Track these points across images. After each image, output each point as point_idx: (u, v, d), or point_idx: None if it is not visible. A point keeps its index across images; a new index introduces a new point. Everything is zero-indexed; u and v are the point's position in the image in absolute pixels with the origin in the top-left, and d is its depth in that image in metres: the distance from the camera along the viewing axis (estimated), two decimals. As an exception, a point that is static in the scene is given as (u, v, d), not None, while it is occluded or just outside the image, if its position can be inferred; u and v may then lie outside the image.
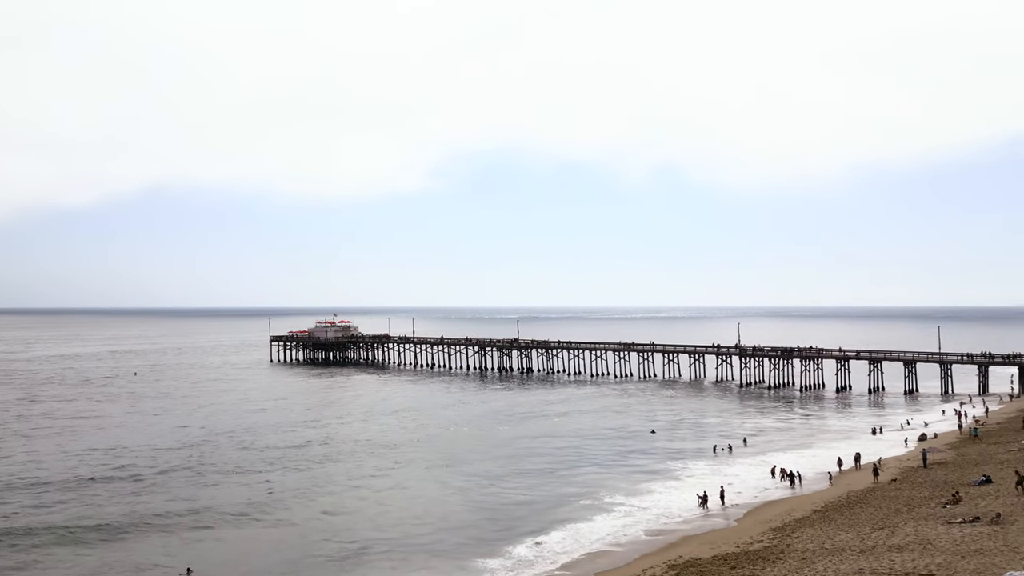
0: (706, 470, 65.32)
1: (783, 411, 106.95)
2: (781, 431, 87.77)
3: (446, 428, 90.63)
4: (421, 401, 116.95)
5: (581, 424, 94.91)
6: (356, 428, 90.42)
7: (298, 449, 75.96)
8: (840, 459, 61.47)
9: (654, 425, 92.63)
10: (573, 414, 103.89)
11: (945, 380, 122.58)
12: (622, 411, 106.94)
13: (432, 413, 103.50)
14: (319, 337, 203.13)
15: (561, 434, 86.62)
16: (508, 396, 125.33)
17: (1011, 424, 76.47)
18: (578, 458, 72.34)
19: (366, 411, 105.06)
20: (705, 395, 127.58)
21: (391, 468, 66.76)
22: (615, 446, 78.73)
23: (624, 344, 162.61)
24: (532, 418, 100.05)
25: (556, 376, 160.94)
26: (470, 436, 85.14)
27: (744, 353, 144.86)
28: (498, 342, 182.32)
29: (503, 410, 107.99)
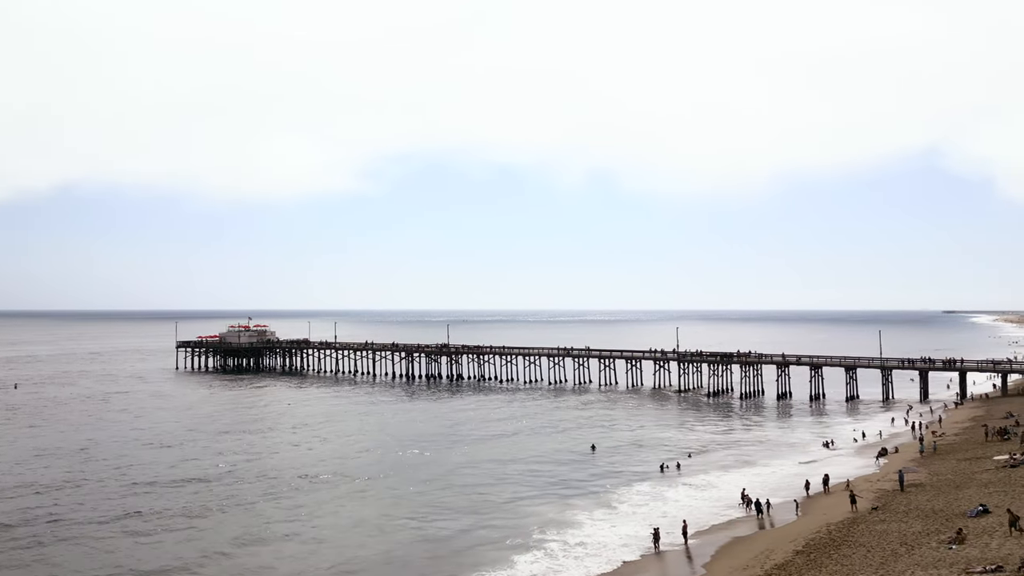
0: (653, 494, 58.09)
1: (725, 421, 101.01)
2: (726, 445, 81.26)
3: (365, 449, 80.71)
4: (339, 415, 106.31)
5: (514, 439, 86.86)
6: (262, 452, 79.74)
7: (194, 487, 62.53)
8: (808, 481, 54.70)
9: (593, 439, 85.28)
10: (506, 427, 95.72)
11: (886, 386, 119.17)
12: (559, 423, 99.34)
13: (350, 430, 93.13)
14: (231, 343, 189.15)
15: (491, 452, 78.23)
16: (436, 407, 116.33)
17: (970, 435, 71.52)
18: (509, 482, 64.09)
19: (275, 431, 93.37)
20: (644, 403, 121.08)
21: (294, 506, 56.16)
22: (552, 466, 70.74)
23: (562, 350, 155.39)
24: (461, 433, 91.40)
25: (488, 384, 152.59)
26: (390, 458, 75.76)
27: (683, 359, 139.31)
28: (426, 348, 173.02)
29: (430, 424, 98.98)
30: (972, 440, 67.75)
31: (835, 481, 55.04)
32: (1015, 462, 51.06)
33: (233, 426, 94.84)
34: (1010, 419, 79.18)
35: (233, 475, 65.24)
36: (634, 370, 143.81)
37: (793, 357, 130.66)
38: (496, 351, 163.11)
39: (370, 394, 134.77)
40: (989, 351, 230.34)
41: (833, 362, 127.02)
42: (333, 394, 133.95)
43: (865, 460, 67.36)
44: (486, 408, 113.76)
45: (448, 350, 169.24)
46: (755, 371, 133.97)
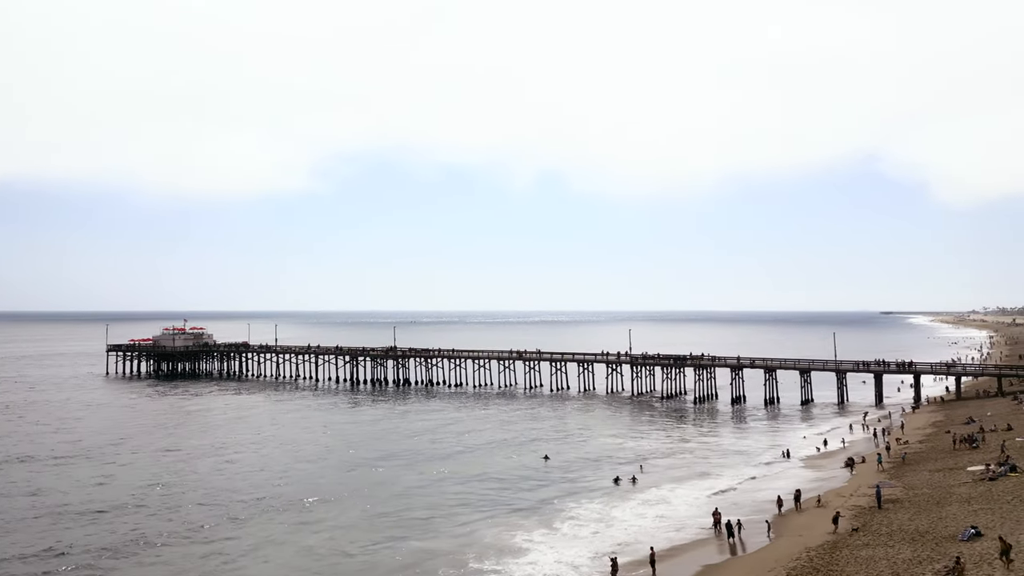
0: (603, 513, 53.95)
1: (680, 428, 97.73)
2: (682, 454, 77.65)
3: (305, 465, 74.93)
4: (279, 427, 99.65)
5: (462, 451, 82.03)
6: (194, 472, 73.33)
7: (112, 517, 54.31)
8: (780, 498, 50.99)
9: (545, 448, 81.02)
10: (454, 438, 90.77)
11: (841, 389, 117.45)
12: (509, 430, 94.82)
13: (290, 443, 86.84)
14: (165, 346, 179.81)
15: (438, 467, 73.29)
16: (382, 417, 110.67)
17: (936, 443, 69.02)
18: (455, 498, 59.42)
19: (209, 445, 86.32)
20: (596, 409, 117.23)
21: (226, 539, 50.38)
22: (500, 481, 66.15)
23: (515, 353, 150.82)
24: (406, 442, 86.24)
25: (436, 389, 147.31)
26: (329, 478, 70.33)
27: (635, 362, 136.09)
28: (372, 351, 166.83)
29: (373, 433, 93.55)
30: (939, 448, 65.13)
31: (806, 496, 51.46)
32: (993, 474, 48.16)
33: (163, 440, 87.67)
34: (972, 424, 77.19)
35: (159, 501, 58.66)
36: (586, 373, 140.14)
37: (747, 360, 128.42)
38: (445, 354, 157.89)
39: (312, 402, 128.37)
40: (932, 352, 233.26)
41: (787, 365, 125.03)
42: (274, 402, 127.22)
43: (830, 471, 64.19)
44: (434, 416, 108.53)
45: (395, 353, 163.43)
46: (709, 374, 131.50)
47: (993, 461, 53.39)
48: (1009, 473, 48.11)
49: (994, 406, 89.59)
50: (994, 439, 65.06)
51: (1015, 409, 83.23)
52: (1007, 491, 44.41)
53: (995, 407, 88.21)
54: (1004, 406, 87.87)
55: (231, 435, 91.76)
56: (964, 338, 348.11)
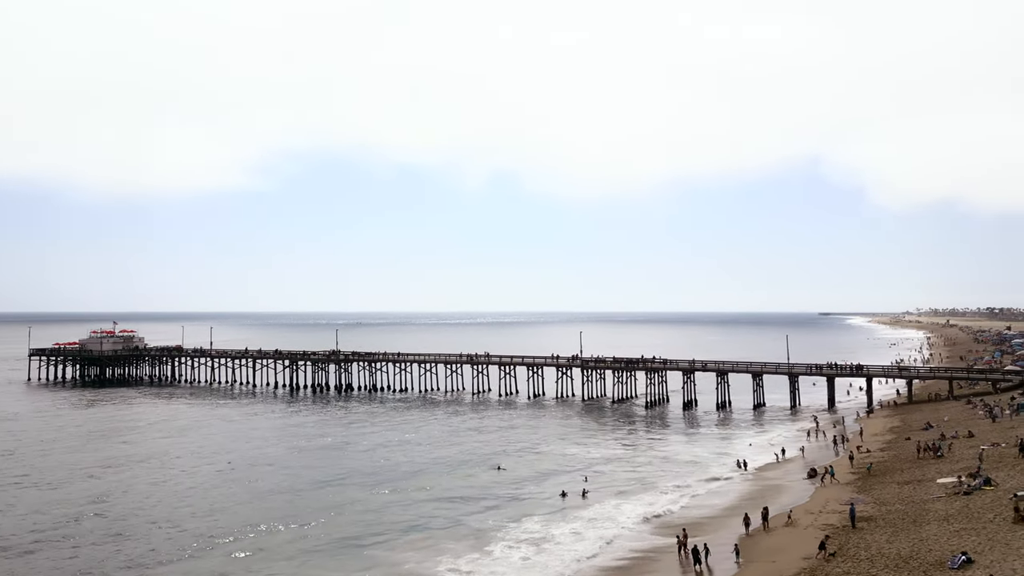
0: (542, 534, 50.20)
1: (631, 434, 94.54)
2: (631, 463, 74.12)
3: (238, 481, 69.42)
4: (213, 439, 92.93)
5: (409, 460, 77.44)
6: (117, 495, 67.29)
7: (14, 557, 50.62)
8: (747, 516, 47.51)
9: (495, 459, 76.91)
10: (397, 447, 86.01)
11: (794, 393, 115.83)
12: (456, 441, 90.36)
13: (223, 459, 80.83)
14: (92, 350, 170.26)
15: (380, 478, 68.64)
16: (323, 426, 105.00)
17: (898, 451, 66.74)
18: (399, 517, 54.90)
19: (135, 462, 79.73)
20: (546, 414, 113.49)
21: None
22: (445, 497, 61.81)
23: (461, 356, 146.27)
24: (346, 454, 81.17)
25: (381, 394, 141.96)
26: (260, 490, 65.18)
27: (586, 365, 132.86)
28: (313, 355, 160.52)
29: (312, 444, 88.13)
30: (903, 457, 62.76)
31: (775, 512, 48.13)
32: (967, 488, 45.52)
33: (86, 456, 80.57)
34: (932, 430, 75.42)
35: (74, 534, 52.46)
36: (536, 377, 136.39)
37: (699, 363, 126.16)
38: (390, 358, 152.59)
39: (250, 410, 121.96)
40: (874, 354, 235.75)
41: (740, 368, 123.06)
42: (208, 410, 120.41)
43: (792, 483, 61.24)
44: (378, 425, 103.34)
45: (337, 357, 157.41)
46: (660, 378, 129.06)
47: (963, 473, 50.96)
48: (984, 487, 45.53)
49: (949, 410, 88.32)
50: (957, 447, 63.06)
51: (970, 414, 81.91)
52: (985, 507, 41.69)
53: (950, 411, 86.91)
54: (959, 410, 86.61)
55: (161, 447, 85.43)
56: (902, 339, 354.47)
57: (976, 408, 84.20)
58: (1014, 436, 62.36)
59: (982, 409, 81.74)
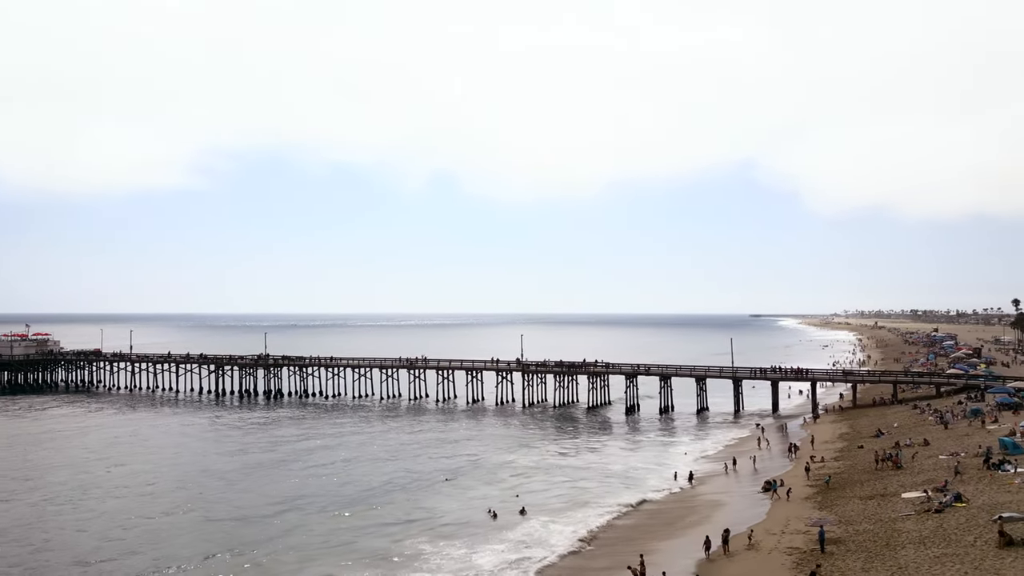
0: (473, 555, 46.13)
1: (572, 441, 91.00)
2: (570, 476, 69.83)
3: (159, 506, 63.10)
4: (131, 452, 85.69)
5: (342, 473, 72.06)
6: (27, 521, 60.25)
7: None
8: (708, 539, 43.61)
9: (426, 468, 72.44)
10: (326, 459, 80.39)
11: (738, 397, 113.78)
12: (394, 450, 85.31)
13: (143, 475, 73.87)
14: (2, 355, 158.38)
15: (308, 496, 63.15)
16: (247, 432, 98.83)
17: (853, 460, 64.11)
18: (326, 538, 49.80)
19: (47, 479, 72.39)
20: (485, 421, 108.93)
21: None
22: (382, 513, 56.93)
23: (396, 360, 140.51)
24: (272, 468, 75.24)
25: (312, 401, 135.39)
26: (176, 511, 59.12)
27: (527, 369, 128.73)
28: (240, 359, 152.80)
29: (236, 458, 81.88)
30: (859, 467, 60.00)
31: (735, 531, 44.39)
32: (938, 506, 42.57)
33: None
34: (883, 437, 73.28)
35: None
36: (475, 382, 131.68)
37: (642, 367, 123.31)
38: (322, 363, 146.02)
39: (170, 417, 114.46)
40: (809, 355, 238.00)
41: (683, 372, 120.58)
42: (127, 419, 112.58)
43: (745, 495, 57.86)
44: (309, 435, 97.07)
45: (266, 362, 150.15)
46: (602, 382, 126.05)
47: (929, 486, 48.18)
48: (955, 503, 42.66)
49: (896, 415, 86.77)
50: (914, 456, 60.59)
51: (920, 419, 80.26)
52: (961, 528, 38.66)
53: (898, 417, 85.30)
54: (907, 416, 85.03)
55: (76, 462, 78.07)
56: (833, 340, 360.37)
57: (925, 413, 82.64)
58: (972, 445, 60.30)
59: (932, 415, 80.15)
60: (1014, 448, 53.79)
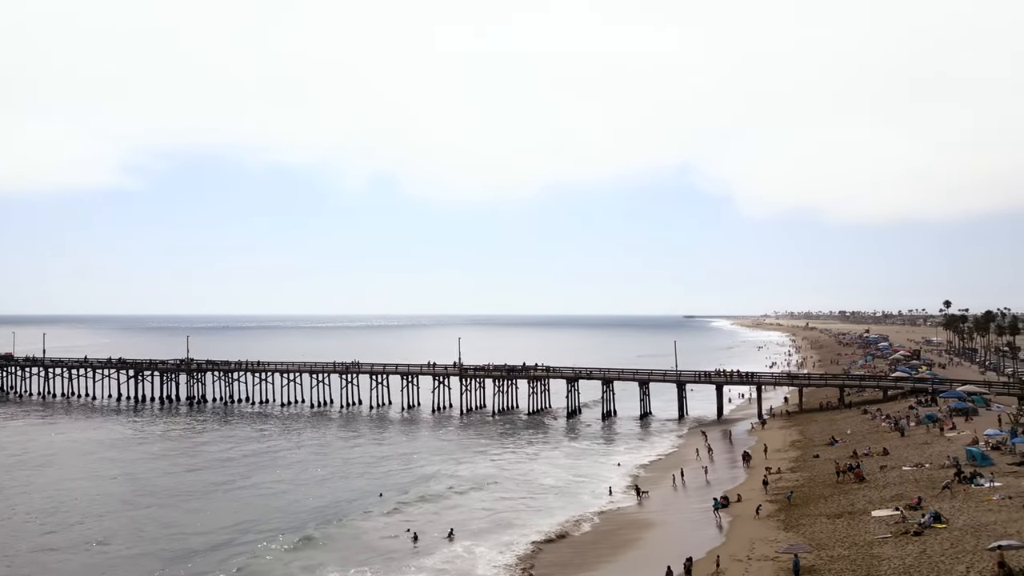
0: None
1: (509, 449, 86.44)
2: (506, 491, 65.09)
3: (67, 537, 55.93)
4: (44, 466, 78.09)
5: (265, 492, 65.78)
6: None
7: None
8: (670, 569, 39.11)
9: (354, 482, 66.90)
10: (253, 471, 73.97)
11: (682, 402, 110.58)
12: (323, 462, 79.31)
13: (48, 495, 66.42)
14: None
15: (228, 517, 57.02)
16: (165, 445, 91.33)
17: (812, 472, 60.54)
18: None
19: None
20: (420, 429, 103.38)
21: None
22: (297, 536, 51.22)
23: (333, 365, 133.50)
24: (187, 489, 68.48)
25: (238, 408, 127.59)
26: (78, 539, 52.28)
27: (465, 374, 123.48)
28: (161, 364, 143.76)
29: (151, 474, 74.81)
30: (819, 480, 56.42)
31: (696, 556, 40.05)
32: (917, 528, 38.94)
33: None
34: (837, 445, 70.36)
35: None
36: (411, 387, 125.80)
37: (584, 371, 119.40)
38: (249, 368, 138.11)
39: (84, 426, 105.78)
40: (745, 357, 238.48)
41: (626, 376, 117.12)
42: (39, 428, 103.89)
43: (699, 513, 53.76)
44: (232, 448, 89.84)
45: (189, 367, 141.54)
46: (543, 386, 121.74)
47: (900, 503, 44.72)
48: (934, 524, 39.12)
49: (847, 421, 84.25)
50: (872, 465, 57.35)
51: (872, 426, 77.71)
52: (948, 555, 34.93)
53: (849, 423, 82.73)
54: (858, 421, 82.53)
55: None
56: (767, 341, 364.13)
57: (877, 419, 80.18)
58: (935, 455, 57.41)
59: (885, 421, 77.68)
60: (983, 459, 50.89)
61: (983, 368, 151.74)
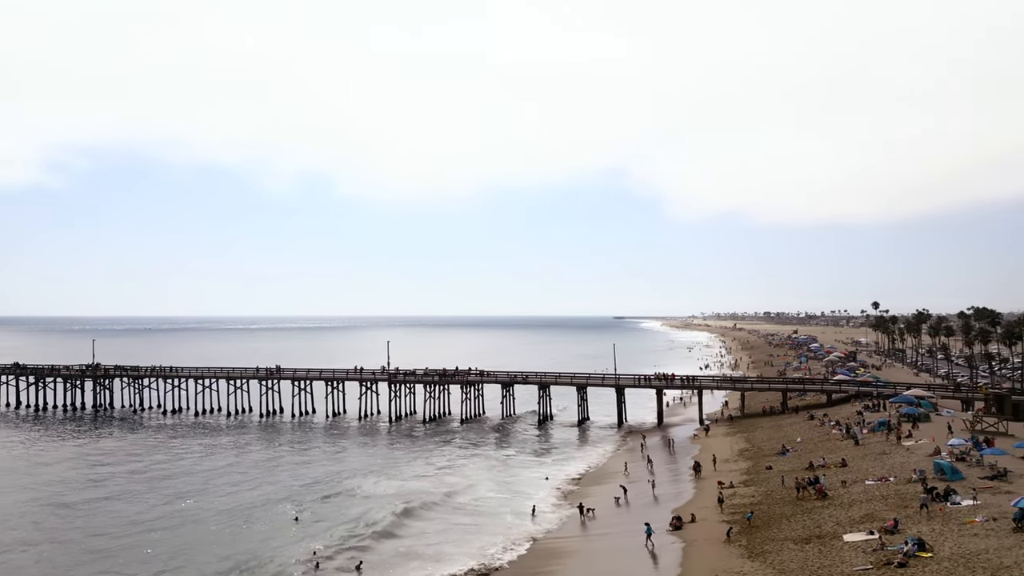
0: None
1: (436, 460, 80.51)
2: (433, 514, 59.09)
3: None
4: None
5: (169, 515, 58.41)
6: None
7: None
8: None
9: (267, 503, 60.15)
10: (159, 491, 66.33)
11: (621, 407, 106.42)
12: (239, 478, 72.17)
13: None
14: None
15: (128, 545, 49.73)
16: (64, 460, 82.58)
17: (767, 486, 56.18)
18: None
19: None
20: (346, 440, 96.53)
21: None
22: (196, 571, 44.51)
23: (254, 370, 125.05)
24: (85, 511, 60.68)
25: (149, 417, 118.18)
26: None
27: (394, 379, 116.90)
28: (65, 370, 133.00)
29: (53, 493, 66.58)
30: (777, 496, 52.00)
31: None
32: (901, 559, 34.69)
33: None
34: (788, 454, 66.71)
35: None
36: (336, 393, 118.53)
37: (520, 375, 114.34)
38: (162, 373, 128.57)
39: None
40: (675, 358, 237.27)
41: (563, 380, 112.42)
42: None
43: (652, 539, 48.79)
44: (141, 463, 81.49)
45: (95, 372, 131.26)
46: (477, 391, 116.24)
47: (872, 525, 40.54)
48: (919, 553, 34.91)
49: (795, 428, 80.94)
50: (833, 480, 53.35)
51: (822, 433, 74.37)
52: (941, 592, 30.67)
53: (797, 429, 79.39)
54: (806, 428, 79.27)
55: None
56: (696, 342, 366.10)
57: (826, 426, 76.98)
58: (898, 466, 53.70)
59: (834, 427, 74.44)
60: (953, 473, 47.26)
61: (916, 369, 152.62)
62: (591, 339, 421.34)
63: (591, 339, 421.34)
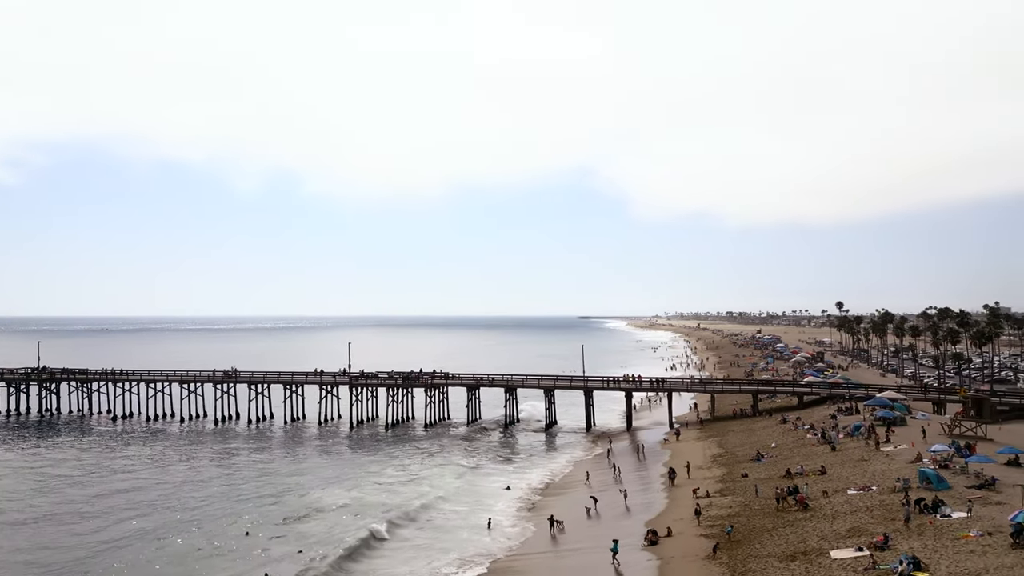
0: None
1: (399, 471, 77.01)
2: (398, 530, 55.95)
3: None
4: None
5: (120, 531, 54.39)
6: None
7: None
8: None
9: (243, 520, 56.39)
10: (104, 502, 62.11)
11: (589, 410, 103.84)
12: (198, 486, 68.31)
13: None
14: None
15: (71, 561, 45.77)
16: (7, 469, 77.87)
17: (744, 496, 53.63)
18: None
19: None
20: (305, 447, 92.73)
21: None
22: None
23: (211, 374, 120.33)
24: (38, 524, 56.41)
25: (97, 423, 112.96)
26: None
27: (355, 383, 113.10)
28: (8, 373, 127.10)
29: None
30: (756, 506, 49.56)
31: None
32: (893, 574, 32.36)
33: None
34: (763, 461, 64.54)
35: None
36: (295, 397, 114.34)
37: (486, 378, 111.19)
38: (112, 377, 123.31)
39: None
40: (641, 359, 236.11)
41: (530, 383, 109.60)
42: None
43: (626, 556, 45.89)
44: (88, 473, 76.98)
45: (41, 376, 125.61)
46: (442, 394, 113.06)
47: (860, 540, 38.20)
48: (914, 573, 32.55)
49: (767, 431, 78.99)
50: (814, 489, 51.06)
51: (796, 437, 72.40)
52: (944, 619, 28.27)
53: (771, 434, 77.40)
54: (779, 432, 77.33)
55: None
56: (660, 342, 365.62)
57: (799, 430, 75.07)
58: (880, 474, 51.57)
59: (808, 431, 72.52)
60: (939, 482, 45.15)
61: (882, 370, 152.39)
62: (557, 339, 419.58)
63: (557, 339, 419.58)
